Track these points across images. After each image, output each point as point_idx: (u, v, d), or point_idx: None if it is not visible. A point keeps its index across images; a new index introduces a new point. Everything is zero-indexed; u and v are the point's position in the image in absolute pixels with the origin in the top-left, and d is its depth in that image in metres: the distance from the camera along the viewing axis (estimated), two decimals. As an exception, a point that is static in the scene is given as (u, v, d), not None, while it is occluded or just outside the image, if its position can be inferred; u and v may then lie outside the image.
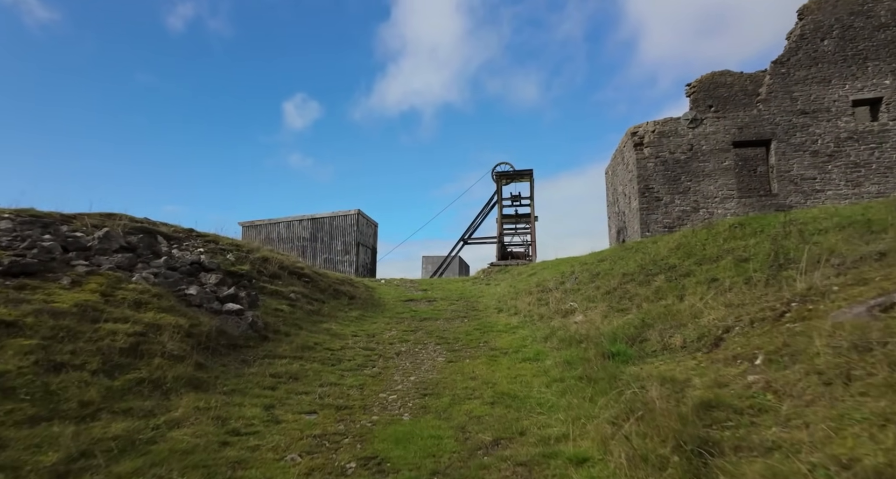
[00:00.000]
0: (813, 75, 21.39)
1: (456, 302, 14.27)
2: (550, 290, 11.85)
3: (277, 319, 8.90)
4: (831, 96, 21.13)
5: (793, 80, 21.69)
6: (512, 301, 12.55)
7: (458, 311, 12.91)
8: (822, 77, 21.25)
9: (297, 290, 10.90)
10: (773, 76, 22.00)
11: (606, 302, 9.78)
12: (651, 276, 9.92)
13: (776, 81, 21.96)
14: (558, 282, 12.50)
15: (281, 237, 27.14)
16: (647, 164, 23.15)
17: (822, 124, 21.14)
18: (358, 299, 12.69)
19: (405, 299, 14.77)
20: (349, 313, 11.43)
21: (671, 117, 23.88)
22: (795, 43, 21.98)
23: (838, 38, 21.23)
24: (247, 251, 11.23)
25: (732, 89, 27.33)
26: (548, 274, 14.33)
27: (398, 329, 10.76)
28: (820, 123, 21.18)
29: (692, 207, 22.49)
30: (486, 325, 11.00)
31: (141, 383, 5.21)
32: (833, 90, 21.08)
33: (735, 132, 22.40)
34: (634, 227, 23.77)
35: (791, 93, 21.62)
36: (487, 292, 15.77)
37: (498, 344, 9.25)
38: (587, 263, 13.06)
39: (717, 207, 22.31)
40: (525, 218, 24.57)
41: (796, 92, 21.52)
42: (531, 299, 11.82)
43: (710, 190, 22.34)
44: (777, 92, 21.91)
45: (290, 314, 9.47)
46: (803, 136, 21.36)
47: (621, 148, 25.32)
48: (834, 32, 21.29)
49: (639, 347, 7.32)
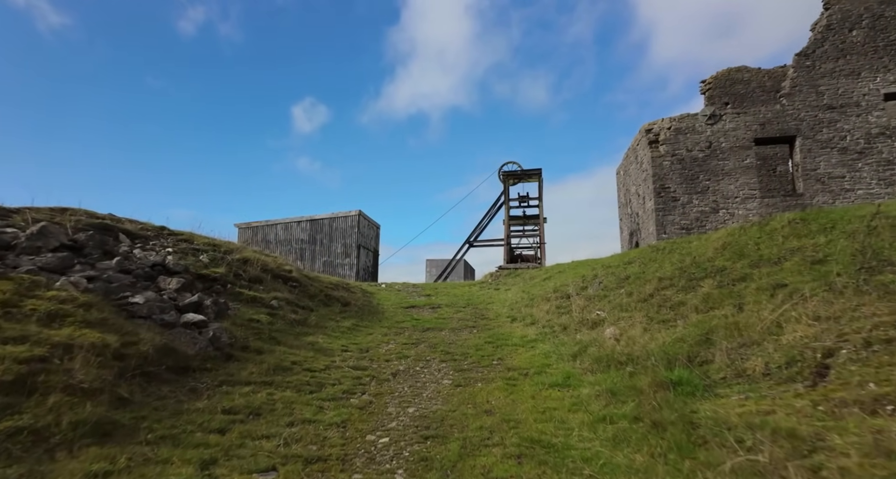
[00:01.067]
0: (841, 68, 19.63)
1: (463, 309, 12.54)
2: (571, 296, 10.12)
3: (250, 332, 7.18)
4: (861, 90, 19.35)
5: (819, 73, 19.93)
6: (527, 309, 10.81)
7: (466, 320, 11.17)
8: (851, 69, 19.48)
9: (281, 296, 9.19)
10: (797, 69, 20.24)
11: (643, 311, 8.02)
12: (695, 281, 8.15)
13: (801, 75, 20.20)
14: (579, 287, 10.75)
15: (279, 239, 25.41)
16: (662, 162, 21.40)
17: (850, 120, 19.35)
18: (353, 307, 10.97)
19: (406, 305, 13.05)
20: (341, 322, 9.71)
21: (688, 113, 22.15)
22: (821, 34, 20.22)
23: (868, 28, 19.46)
24: (224, 252, 9.55)
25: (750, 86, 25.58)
26: (565, 278, 12.58)
27: (397, 342, 9.02)
28: (849, 118, 19.39)
29: (711, 208, 20.72)
30: (498, 337, 9.25)
31: (16, 436, 3.51)
32: (863, 83, 19.29)
33: (757, 129, 20.64)
34: (649, 229, 21.98)
35: (817, 87, 19.85)
36: (497, 297, 14.03)
37: (515, 362, 7.50)
38: (611, 266, 11.31)
39: (738, 207, 20.53)
40: (533, 219, 22.82)
41: (823, 86, 19.76)
42: (549, 307, 10.08)
43: (730, 190, 20.57)
44: (802, 86, 20.14)
45: (269, 326, 7.75)
46: (830, 132, 19.58)
47: (634, 146, 23.58)
48: (863, 22, 19.53)
49: (699, 370, 5.56)
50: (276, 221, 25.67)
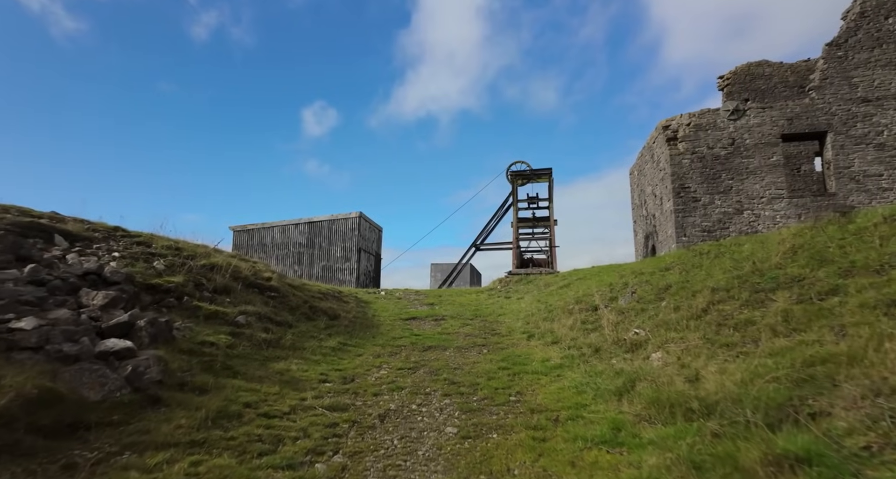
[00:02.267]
0: (876, 58, 17.68)
1: (470, 322, 10.68)
2: (599, 309, 8.27)
3: (197, 361, 5.39)
4: (899, 81, 17.43)
5: (852, 64, 17.99)
6: (546, 323, 8.95)
7: (474, 335, 9.32)
8: (888, 60, 17.53)
9: (253, 310, 7.40)
10: (827, 60, 18.30)
11: (698, 332, 6.15)
12: (763, 293, 6.28)
13: (832, 66, 18.25)
14: (607, 298, 8.89)
15: (275, 243, 23.54)
16: (681, 160, 19.50)
17: (888, 113, 17.38)
18: (342, 320, 9.16)
19: (406, 316, 11.20)
20: (325, 341, 7.89)
21: (708, 109, 20.24)
22: (854, 22, 18.27)
23: (906, 14, 17.56)
24: (187, 256, 7.78)
25: (771, 81, 23.60)
26: (588, 286, 10.68)
27: (391, 366, 7.18)
28: (886, 111, 17.42)
29: (735, 209, 18.77)
30: (514, 359, 7.40)
31: None
32: (901, 74, 17.37)
33: (784, 124, 18.69)
34: (668, 231, 20.04)
35: (850, 78, 17.91)
36: (509, 307, 12.15)
37: (539, 399, 5.65)
38: (643, 272, 9.44)
39: (765, 208, 18.57)
40: (543, 221, 20.94)
41: (856, 77, 17.81)
42: (573, 322, 8.23)
43: (755, 189, 18.62)
44: (833, 78, 18.19)
45: (226, 350, 5.96)
46: (865, 126, 17.62)
47: (650, 144, 21.69)
48: (901, 8, 17.62)
49: (819, 429, 3.71)
50: (273, 224, 23.81)
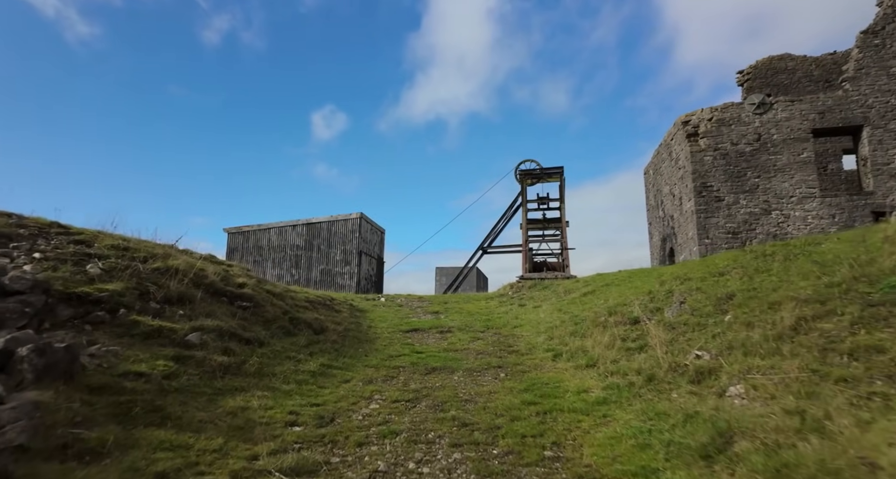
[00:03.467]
0: (917, 45, 15.98)
1: (481, 335, 8.95)
2: (642, 322, 6.53)
3: (107, 403, 3.71)
4: (943, 70, 15.69)
5: (890, 52, 16.22)
6: (575, 339, 7.17)
7: (488, 353, 7.59)
8: (930, 47, 15.82)
9: (213, 324, 5.73)
10: (862, 49, 16.52)
11: (795, 359, 4.41)
12: (883, 307, 4.55)
13: (867, 56, 16.46)
14: (648, 308, 7.13)
15: (272, 245, 21.81)
16: (703, 157, 17.73)
17: (931, 105, 15.66)
18: (330, 334, 7.44)
19: (407, 328, 9.48)
20: (304, 362, 6.17)
21: (732, 103, 18.48)
22: (892, 8, 16.50)
23: (951, -3, 15.83)
24: (137, 258, 6.13)
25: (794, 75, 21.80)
26: (619, 294, 8.89)
27: (384, 397, 5.46)
28: (928, 103, 15.70)
29: (762, 209, 16.96)
30: (541, 389, 5.67)
31: None
32: (946, 62, 15.64)
33: (815, 118, 16.89)
34: (688, 233, 18.23)
35: (888, 68, 16.14)
36: (525, 317, 10.36)
37: (587, 456, 3.93)
38: (690, 277, 7.66)
39: (794, 208, 16.75)
40: (554, 223, 19.19)
41: (895, 67, 16.09)
42: (609, 339, 6.48)
43: (783, 188, 16.82)
44: (869, 68, 16.40)
45: (164, 383, 4.28)
46: (906, 120, 15.89)
47: (668, 141, 19.95)
48: (945, -9, 15.91)
49: None
50: (270, 226, 22.04)
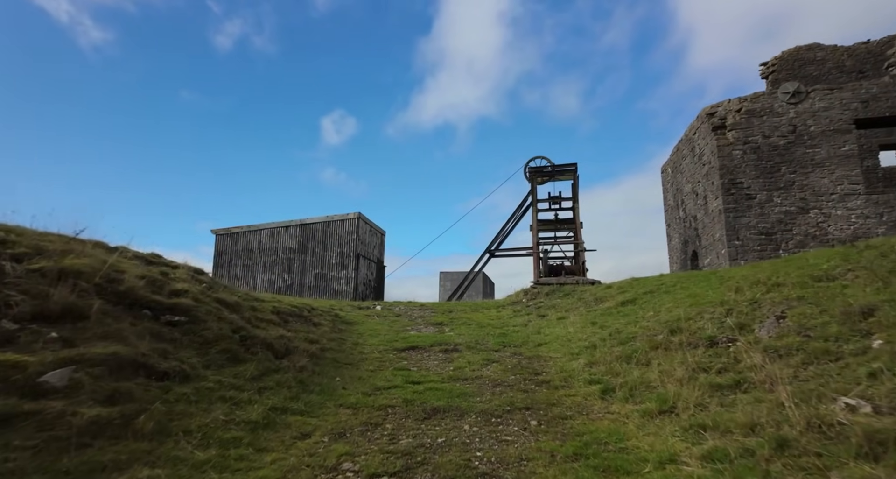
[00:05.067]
0: (973, 25, 13.98)
1: (496, 355, 6.81)
2: (719, 344, 4.45)
3: None
4: None
5: (940, 34, 14.25)
6: (629, 367, 4.96)
7: (508, 383, 5.44)
8: None
9: (107, 352, 3.66)
10: (909, 31, 14.52)
11: None
12: None
13: (914, 38, 14.48)
14: (726, 324, 5.02)
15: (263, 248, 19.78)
16: (731, 152, 15.68)
17: None
18: (297, 357, 5.29)
19: (402, 345, 7.23)
20: (246, 406, 4.00)
21: (762, 92, 16.42)
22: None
23: None
24: (2, 255, 4.11)
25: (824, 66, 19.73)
26: (674, 303, 6.60)
27: (355, 471, 3.38)
28: None
29: (799, 208, 14.86)
30: (598, 453, 3.58)
31: None
32: None
33: (857, 107, 14.85)
34: (714, 234, 16.07)
35: (939, 51, 14.17)
36: (549, 331, 7.93)
37: None
38: (781, 283, 5.56)
39: (836, 206, 14.64)
40: (567, 224, 17.13)
41: (947, 50, 14.10)
42: (686, 370, 4.36)
43: (823, 184, 14.74)
44: (917, 51, 14.42)
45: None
46: (961, 108, 13.87)
47: (690, 136, 17.90)
48: None
49: None
50: (261, 227, 20.02)
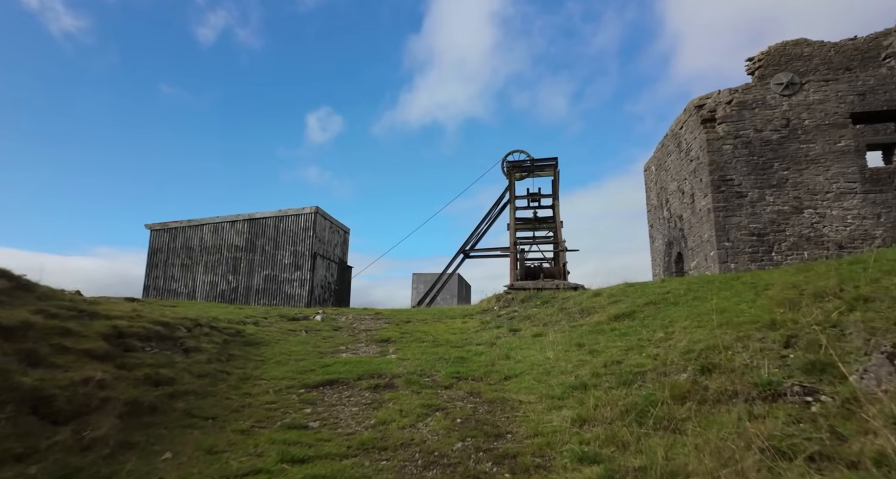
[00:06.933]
0: (977, 14, 12.67)
1: (444, 395, 4.51)
2: (791, 398, 2.55)
3: None
4: None
5: (941, 23, 12.85)
6: (645, 434, 3.00)
7: (447, 460, 3.14)
8: None
9: None
10: (907, 21, 13.11)
11: None
12: None
13: (913, 28, 13.05)
14: (786, 360, 3.13)
15: (205, 246, 17.13)
16: (721, 146, 14.02)
17: None
18: (98, 419, 3.00)
19: (317, 379, 5.05)
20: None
21: (754, 84, 14.82)
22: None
23: None
24: None
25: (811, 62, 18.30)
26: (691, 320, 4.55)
27: None
28: None
29: (792, 207, 13.28)
30: None
31: None
32: None
33: (854, 100, 13.38)
34: (703, 235, 14.31)
35: (940, 42, 12.78)
36: (522, 354, 5.99)
37: None
38: (867, 296, 3.71)
39: (832, 206, 13.10)
40: (547, 223, 15.21)
41: (949, 40, 12.73)
42: (747, 445, 2.35)
43: (818, 182, 13.21)
44: (916, 42, 12.99)
45: None
46: (963, 102, 12.53)
47: (676, 130, 16.20)
48: None
49: None
50: (203, 221, 17.32)
